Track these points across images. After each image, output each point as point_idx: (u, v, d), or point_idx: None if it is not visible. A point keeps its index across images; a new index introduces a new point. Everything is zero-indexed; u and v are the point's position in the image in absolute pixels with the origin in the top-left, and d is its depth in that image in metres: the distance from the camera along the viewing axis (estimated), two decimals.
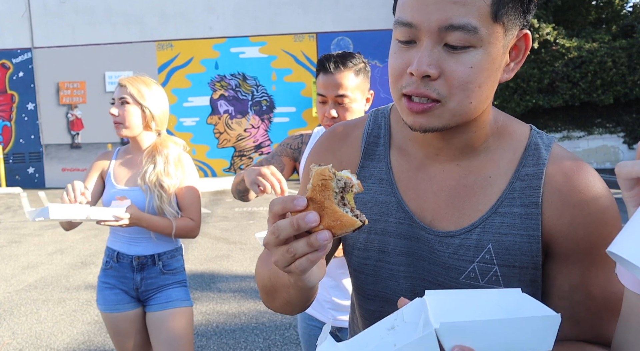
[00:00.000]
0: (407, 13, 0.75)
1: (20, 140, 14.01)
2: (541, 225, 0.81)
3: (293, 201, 0.64)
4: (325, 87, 1.73)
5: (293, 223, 0.63)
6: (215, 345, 3.63)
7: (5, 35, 13.70)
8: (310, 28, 13.31)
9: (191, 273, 5.31)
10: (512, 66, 0.82)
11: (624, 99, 13.13)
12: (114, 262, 2.19)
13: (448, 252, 0.84)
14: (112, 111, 2.14)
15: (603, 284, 0.81)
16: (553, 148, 0.85)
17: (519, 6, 0.76)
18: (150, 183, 2.13)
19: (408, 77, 0.77)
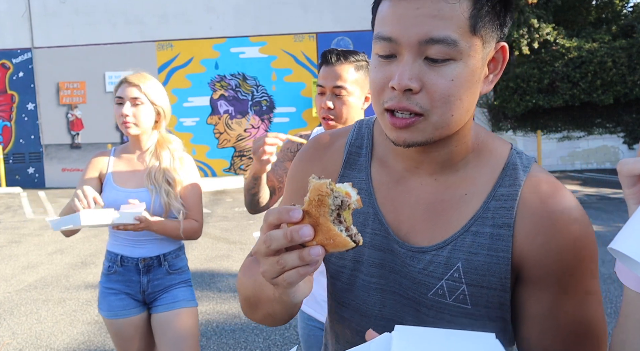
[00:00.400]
0: (386, 28, 0.76)
1: (20, 140, 14.01)
2: (512, 248, 0.80)
3: (289, 213, 0.63)
4: (324, 77, 1.77)
5: (287, 235, 0.63)
6: (215, 345, 3.63)
7: (5, 35, 13.70)
8: (310, 28, 13.31)
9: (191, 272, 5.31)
10: (490, 77, 0.83)
11: (624, 99, 13.13)
12: (117, 266, 2.13)
13: (418, 267, 0.84)
14: (125, 111, 2.06)
15: (572, 312, 0.80)
16: (531, 170, 0.84)
17: (495, 19, 0.77)
18: (156, 181, 2.09)
19: (390, 91, 0.77)
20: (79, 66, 13.54)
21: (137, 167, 2.16)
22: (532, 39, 12.93)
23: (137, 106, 2.08)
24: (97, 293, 4.80)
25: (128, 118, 2.07)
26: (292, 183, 1.01)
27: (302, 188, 0.96)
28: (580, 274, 0.80)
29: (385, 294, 0.89)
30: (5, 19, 13.65)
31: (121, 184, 2.12)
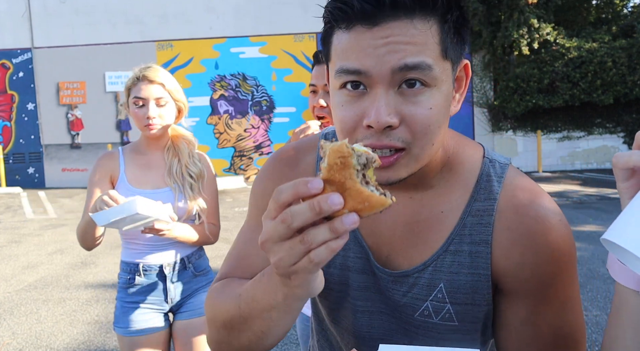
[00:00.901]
0: (352, 61, 0.69)
1: (20, 140, 14.01)
2: (491, 264, 0.79)
3: (307, 185, 0.55)
4: (316, 76, 1.81)
5: (314, 206, 0.54)
6: None
7: (5, 35, 13.70)
8: (310, 28, 13.31)
9: None
10: (457, 97, 0.79)
11: (624, 99, 13.13)
12: (139, 277, 1.95)
13: (402, 290, 0.83)
14: (152, 113, 1.89)
15: (551, 321, 0.79)
16: (506, 178, 0.81)
17: (459, 39, 0.74)
18: (178, 177, 1.96)
19: (364, 129, 0.70)
20: (79, 66, 13.54)
21: (154, 167, 1.99)
22: (532, 39, 12.92)
23: (162, 106, 1.92)
24: (97, 293, 4.81)
25: (155, 120, 1.90)
26: (258, 201, 0.94)
27: None
28: (560, 283, 0.79)
29: (373, 315, 0.87)
30: (5, 19, 13.65)
31: (139, 186, 1.95)
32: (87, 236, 1.88)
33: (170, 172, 1.96)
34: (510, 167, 0.84)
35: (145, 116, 1.89)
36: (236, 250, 0.94)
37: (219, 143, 13.76)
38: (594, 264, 5.21)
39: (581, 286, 4.59)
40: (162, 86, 1.91)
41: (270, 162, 0.96)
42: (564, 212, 0.82)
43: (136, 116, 1.92)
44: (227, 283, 0.86)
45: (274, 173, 0.93)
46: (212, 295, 0.85)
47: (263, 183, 0.94)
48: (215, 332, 0.81)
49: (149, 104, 1.89)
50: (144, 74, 1.90)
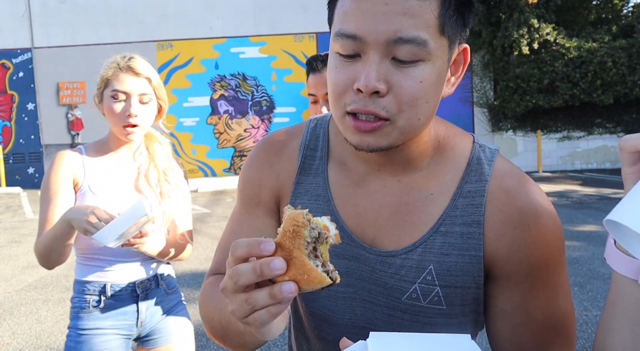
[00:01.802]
0: (350, 24, 0.70)
1: (20, 140, 14.01)
2: (483, 245, 0.79)
3: (259, 246, 0.57)
4: (315, 86, 1.78)
5: (256, 268, 0.57)
6: (216, 345, 3.64)
7: (5, 35, 13.70)
8: (310, 28, 13.32)
9: (191, 272, 5.31)
10: (452, 80, 0.79)
11: (624, 99, 13.13)
12: (105, 298, 1.66)
13: (390, 272, 0.82)
14: (135, 110, 1.62)
15: (544, 305, 0.80)
16: (496, 163, 0.82)
17: (460, 19, 0.74)
18: (153, 182, 1.72)
19: (353, 93, 0.72)
20: (79, 66, 13.54)
21: (123, 170, 1.72)
22: (532, 39, 12.93)
23: (145, 103, 1.66)
24: None
25: (136, 119, 1.63)
26: (246, 188, 0.94)
27: (257, 194, 0.91)
28: (551, 267, 0.79)
29: (355, 302, 0.86)
30: (5, 19, 13.66)
31: (106, 194, 1.66)
32: (53, 254, 1.58)
33: (147, 178, 1.71)
34: (499, 154, 0.85)
35: (125, 112, 1.61)
36: (224, 243, 0.94)
37: (219, 143, 13.76)
38: (594, 264, 5.21)
39: (581, 286, 4.59)
40: (148, 81, 1.67)
41: (254, 150, 0.95)
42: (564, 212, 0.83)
43: (113, 112, 1.62)
44: (215, 285, 0.87)
45: (256, 160, 0.93)
46: (203, 296, 0.89)
47: (246, 172, 0.94)
48: (207, 330, 0.86)
49: (131, 99, 1.62)
50: (128, 64, 1.64)
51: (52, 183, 1.63)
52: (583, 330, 3.68)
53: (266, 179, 0.91)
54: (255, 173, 0.92)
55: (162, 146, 1.80)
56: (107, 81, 1.64)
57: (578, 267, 5.11)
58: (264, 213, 0.91)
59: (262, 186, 0.91)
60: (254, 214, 0.92)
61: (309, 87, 1.80)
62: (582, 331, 3.66)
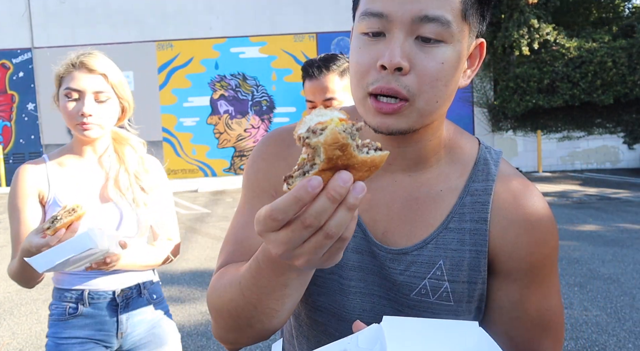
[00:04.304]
0: (377, 3, 0.72)
1: (20, 140, 14.02)
2: (488, 241, 0.82)
3: (307, 189, 0.51)
4: (312, 92, 1.76)
5: (333, 196, 0.51)
6: (215, 345, 3.63)
7: (5, 35, 13.71)
8: (310, 28, 13.31)
9: (191, 272, 5.31)
10: (468, 72, 0.81)
11: (624, 99, 13.13)
12: (83, 306, 1.59)
13: (399, 269, 0.83)
14: (88, 110, 1.49)
15: (538, 302, 0.84)
16: (501, 165, 0.86)
17: (480, 11, 0.76)
18: (126, 189, 1.59)
19: (376, 72, 0.73)
20: None
21: (91, 177, 1.60)
22: (532, 39, 12.93)
23: (102, 102, 1.54)
24: None
25: (91, 119, 1.51)
26: (258, 180, 0.90)
27: (272, 185, 0.89)
28: (548, 266, 0.83)
29: (365, 297, 0.86)
30: (5, 19, 13.66)
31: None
32: (25, 277, 1.51)
33: (117, 184, 1.59)
34: (503, 158, 0.89)
35: (78, 112, 1.50)
36: (233, 234, 0.91)
37: (219, 143, 13.76)
38: (594, 264, 5.21)
39: (581, 286, 4.59)
40: (103, 78, 1.53)
41: (263, 143, 0.93)
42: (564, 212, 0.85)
43: (67, 112, 1.52)
44: (225, 272, 0.84)
45: (267, 152, 0.91)
46: (214, 286, 0.83)
47: (257, 164, 0.91)
48: (223, 323, 0.79)
49: (84, 98, 1.51)
50: (82, 60, 1.52)
51: (17, 200, 1.54)
52: (583, 329, 3.67)
53: (281, 172, 0.89)
54: (268, 165, 0.90)
55: (133, 149, 1.66)
56: (61, 79, 1.55)
57: (578, 267, 5.11)
58: None
59: (278, 178, 0.88)
60: None
61: (306, 94, 1.78)
62: (582, 331, 3.65)
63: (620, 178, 11.76)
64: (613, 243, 5.96)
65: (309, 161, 0.54)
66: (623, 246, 5.84)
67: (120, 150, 1.65)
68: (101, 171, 1.62)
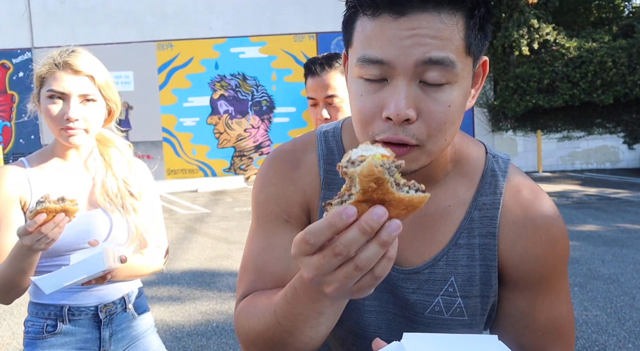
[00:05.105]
0: (376, 49, 0.68)
1: (20, 140, 14.01)
2: (497, 255, 0.82)
3: (342, 216, 0.52)
4: (314, 89, 1.77)
5: (364, 228, 0.52)
6: (215, 345, 3.63)
7: (5, 35, 13.70)
8: (310, 28, 13.31)
9: (191, 272, 5.31)
10: (472, 92, 0.78)
11: (624, 99, 13.12)
12: (62, 323, 1.46)
13: (412, 288, 0.83)
14: (74, 114, 1.38)
15: (548, 310, 0.83)
16: (509, 175, 0.85)
17: (482, 35, 0.72)
18: (115, 196, 1.49)
19: (382, 122, 0.70)
20: None
21: (78, 182, 1.49)
22: (532, 39, 12.92)
23: (88, 105, 1.43)
24: None
25: (76, 123, 1.39)
26: (270, 205, 0.88)
27: (285, 210, 0.88)
28: (557, 275, 0.83)
29: (380, 315, 0.87)
30: (5, 19, 13.65)
31: None
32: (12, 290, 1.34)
33: (105, 190, 1.48)
34: (511, 164, 0.87)
35: (63, 116, 1.38)
36: (252, 262, 0.88)
37: (219, 143, 13.76)
38: (594, 264, 5.21)
39: (581, 286, 4.59)
40: (90, 79, 1.43)
41: (268, 166, 0.91)
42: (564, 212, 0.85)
43: (50, 115, 1.39)
44: (254, 300, 0.82)
45: (275, 176, 0.90)
46: (244, 316, 0.81)
47: (266, 189, 0.90)
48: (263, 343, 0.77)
49: (70, 101, 1.39)
50: (66, 60, 1.41)
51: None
52: (583, 329, 3.67)
53: (293, 196, 0.88)
54: (279, 190, 0.88)
55: (119, 151, 1.56)
56: (43, 80, 1.42)
57: (578, 267, 5.11)
58: (296, 227, 0.88)
59: (291, 202, 0.88)
60: (286, 229, 0.88)
61: (308, 91, 1.79)
62: (582, 331, 3.65)
63: (620, 178, 11.75)
64: (613, 243, 5.95)
65: (347, 191, 0.55)
66: (623, 246, 5.84)
67: (106, 153, 1.55)
68: (87, 176, 1.51)
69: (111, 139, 1.58)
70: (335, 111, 1.76)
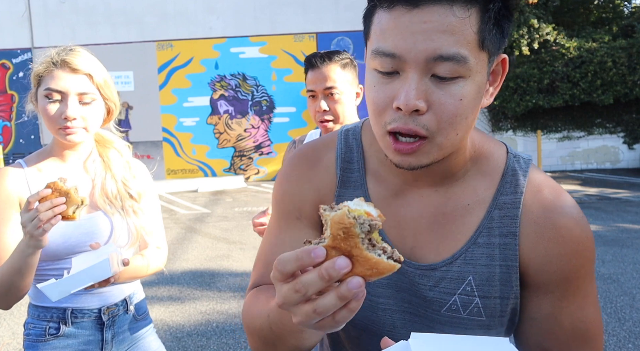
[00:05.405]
0: (389, 42, 0.69)
1: (20, 140, 14.01)
2: (518, 256, 0.80)
3: (310, 255, 0.55)
4: (313, 81, 1.78)
5: (323, 274, 0.54)
6: (215, 345, 3.63)
7: (5, 35, 13.70)
8: (310, 28, 13.31)
9: (191, 272, 5.31)
10: (490, 90, 0.78)
11: (624, 99, 13.13)
12: (65, 326, 1.45)
13: (429, 285, 0.83)
14: (72, 113, 1.37)
15: (573, 314, 0.81)
16: (530, 174, 0.84)
17: (500, 31, 0.72)
18: (115, 199, 1.48)
19: (393, 112, 0.72)
20: None
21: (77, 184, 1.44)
22: (532, 39, 12.92)
23: (86, 104, 1.41)
24: None
25: (74, 122, 1.38)
26: (284, 203, 0.92)
27: (297, 208, 0.90)
28: (582, 277, 0.80)
29: (395, 314, 0.86)
30: (5, 19, 13.65)
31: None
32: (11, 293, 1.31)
33: (105, 192, 1.47)
34: (532, 164, 0.86)
35: (61, 115, 1.37)
36: (263, 256, 0.92)
37: (219, 143, 13.76)
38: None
39: None
40: (88, 78, 1.41)
41: (289, 163, 0.94)
42: None
43: (48, 115, 1.38)
44: (258, 295, 0.85)
45: (292, 175, 0.92)
46: (247, 307, 0.86)
47: (282, 186, 0.93)
48: (255, 339, 0.82)
49: (68, 100, 1.38)
50: (64, 58, 1.40)
51: None
52: None
53: (306, 194, 0.90)
54: (293, 188, 0.91)
55: (119, 152, 1.55)
56: (40, 78, 1.40)
57: None
58: (307, 225, 0.90)
59: (303, 201, 0.90)
60: (296, 227, 0.90)
61: (308, 84, 1.80)
62: None
63: (620, 178, 11.75)
64: (613, 243, 5.96)
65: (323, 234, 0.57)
66: (623, 246, 5.84)
67: (105, 154, 1.53)
68: (86, 177, 1.49)
69: (110, 140, 1.57)
70: (334, 102, 1.76)
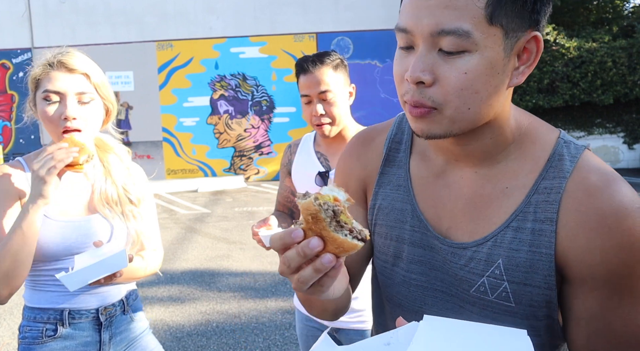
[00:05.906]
0: (402, 19, 0.75)
1: (20, 140, 14.01)
2: (555, 244, 0.76)
3: (290, 235, 0.66)
4: (307, 86, 1.77)
5: (299, 251, 0.65)
6: (215, 345, 3.63)
7: (5, 35, 13.70)
8: (310, 28, 13.31)
9: (191, 272, 5.31)
10: (521, 69, 0.76)
11: (624, 99, 13.13)
12: (63, 327, 1.44)
13: (460, 263, 0.83)
14: (71, 113, 1.36)
15: (625, 316, 0.74)
16: (580, 160, 0.78)
17: (520, 7, 0.71)
18: (114, 200, 1.49)
19: (407, 84, 0.76)
20: None
21: (77, 188, 1.48)
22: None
23: (85, 104, 1.40)
24: None
25: (75, 122, 1.37)
26: (339, 177, 1.03)
27: (345, 183, 1.00)
28: (636, 275, 0.73)
29: (427, 291, 0.88)
30: (5, 19, 13.66)
31: (61, 214, 1.41)
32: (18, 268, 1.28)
33: (105, 197, 1.48)
34: (587, 151, 0.80)
35: (61, 116, 1.36)
36: None
37: (219, 143, 13.76)
38: None
39: None
40: (86, 78, 1.40)
41: (350, 142, 1.04)
42: None
43: (47, 117, 1.37)
44: None
45: (351, 151, 1.02)
46: None
47: (343, 160, 1.03)
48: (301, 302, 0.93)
49: (66, 100, 1.36)
50: (60, 59, 1.38)
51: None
52: None
53: (354, 170, 0.99)
54: (345, 164, 1.01)
55: (118, 157, 1.56)
56: (38, 81, 1.39)
57: None
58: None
59: (351, 176, 1.00)
60: None
61: (302, 89, 1.78)
62: None
63: None
64: None
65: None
66: None
67: (105, 159, 1.54)
68: (86, 182, 1.50)
69: (109, 144, 1.56)
70: (329, 105, 1.75)
